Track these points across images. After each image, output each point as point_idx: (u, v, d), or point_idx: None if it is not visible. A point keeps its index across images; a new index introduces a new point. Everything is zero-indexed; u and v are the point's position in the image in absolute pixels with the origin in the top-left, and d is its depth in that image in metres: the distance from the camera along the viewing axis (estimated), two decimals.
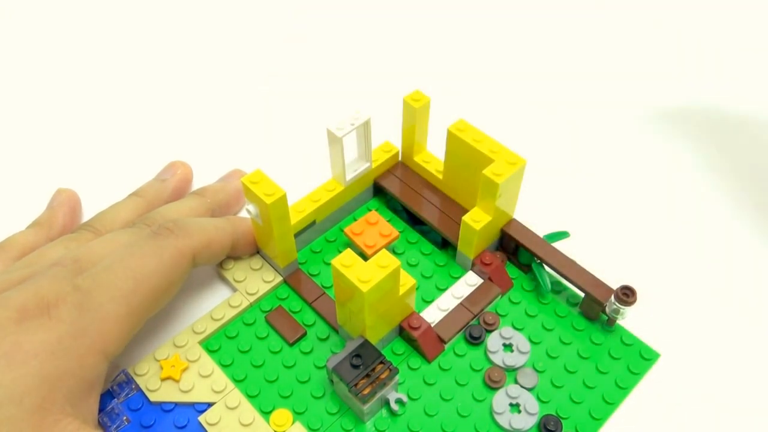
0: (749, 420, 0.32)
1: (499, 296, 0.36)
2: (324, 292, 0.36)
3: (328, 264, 0.38)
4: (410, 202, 0.39)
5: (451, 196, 0.39)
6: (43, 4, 0.56)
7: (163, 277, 0.31)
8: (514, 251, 0.37)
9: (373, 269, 0.29)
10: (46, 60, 0.52)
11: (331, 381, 0.32)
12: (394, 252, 0.38)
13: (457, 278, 0.37)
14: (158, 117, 0.47)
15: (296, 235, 0.36)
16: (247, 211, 0.34)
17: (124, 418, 0.31)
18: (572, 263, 0.35)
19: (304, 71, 0.51)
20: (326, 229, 0.39)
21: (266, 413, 0.32)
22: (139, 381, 0.32)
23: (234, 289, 0.36)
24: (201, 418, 0.31)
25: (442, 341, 0.34)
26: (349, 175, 0.38)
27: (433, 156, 0.40)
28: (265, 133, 0.46)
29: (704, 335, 0.35)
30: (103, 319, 0.29)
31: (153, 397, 0.32)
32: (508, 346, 0.34)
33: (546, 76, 0.51)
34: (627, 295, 0.32)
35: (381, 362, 0.31)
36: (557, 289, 0.36)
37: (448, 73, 0.51)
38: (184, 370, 0.33)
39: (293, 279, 0.37)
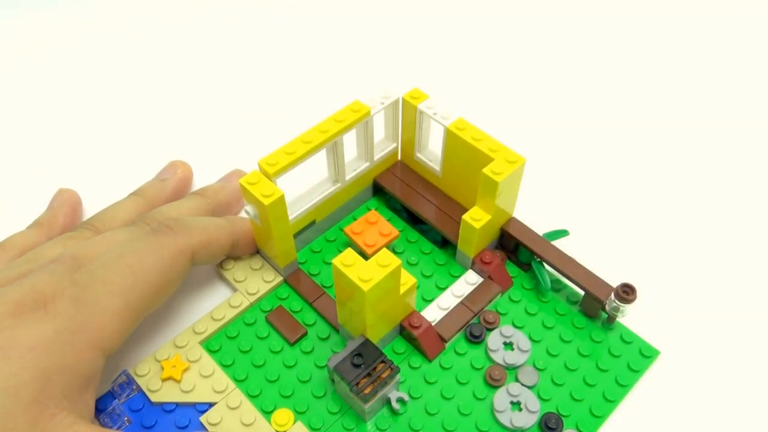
0: (749, 417, 0.32)
1: (499, 295, 0.36)
2: (324, 292, 0.36)
3: (328, 264, 0.38)
4: (410, 201, 0.39)
5: (451, 195, 0.39)
6: (43, 5, 0.56)
7: (162, 274, 0.32)
8: (514, 250, 0.37)
9: (373, 268, 0.29)
10: (46, 61, 0.51)
11: (332, 380, 0.32)
12: (394, 251, 0.38)
13: (457, 277, 0.37)
14: (158, 117, 0.47)
15: (296, 235, 0.36)
16: (245, 212, 0.34)
17: (126, 418, 0.32)
18: (572, 261, 0.35)
19: (304, 71, 0.51)
20: (326, 228, 0.39)
21: (267, 413, 0.32)
22: (140, 382, 0.32)
23: (234, 289, 0.36)
24: (202, 419, 0.31)
25: (443, 340, 0.34)
26: (349, 175, 0.38)
27: (432, 154, 0.40)
28: (265, 133, 0.46)
29: (704, 332, 0.35)
30: (100, 314, 0.29)
31: (154, 398, 0.32)
32: (508, 345, 0.34)
33: (545, 74, 0.51)
34: (627, 292, 0.32)
35: (382, 361, 0.31)
36: (557, 287, 0.36)
37: (447, 71, 0.51)
38: (185, 370, 0.33)
39: (293, 279, 0.37)
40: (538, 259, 0.36)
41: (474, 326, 0.34)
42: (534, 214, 0.38)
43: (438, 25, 0.55)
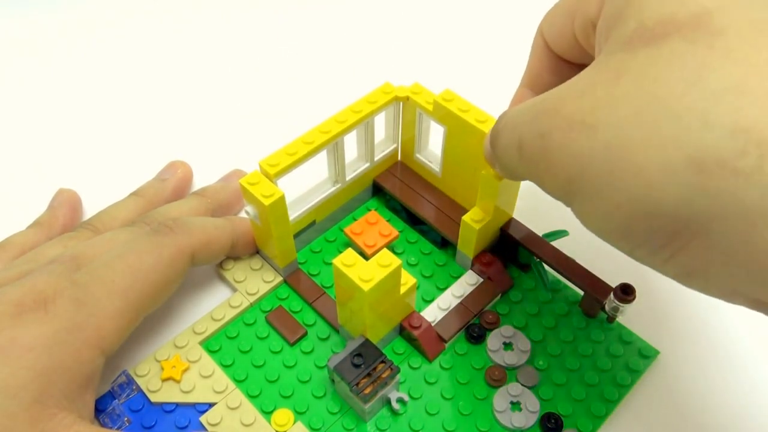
0: (749, 417, 0.33)
1: (499, 295, 0.36)
2: (324, 292, 0.36)
3: (328, 264, 0.38)
4: (410, 201, 0.39)
5: (451, 196, 0.39)
6: (43, 5, 0.56)
7: (162, 274, 0.32)
8: (514, 250, 0.37)
9: (374, 268, 0.29)
10: (46, 60, 0.51)
11: (332, 380, 0.32)
12: (393, 252, 0.38)
13: (457, 277, 0.37)
14: (158, 117, 0.47)
15: (296, 235, 0.36)
16: (245, 212, 0.34)
17: (125, 419, 0.32)
18: (571, 262, 0.35)
19: (304, 71, 0.51)
20: (326, 228, 0.39)
21: (267, 413, 0.32)
22: (140, 382, 0.32)
23: (234, 290, 0.36)
24: (202, 419, 0.31)
25: (443, 340, 0.34)
26: (349, 175, 0.38)
27: (432, 155, 0.40)
28: (266, 133, 0.46)
29: (703, 332, 0.35)
30: (99, 314, 0.29)
31: (154, 398, 0.32)
32: (508, 345, 0.34)
33: None
34: (626, 293, 0.32)
35: (382, 361, 0.31)
36: (557, 287, 0.36)
37: (448, 71, 0.51)
38: (185, 370, 0.33)
39: (293, 279, 0.37)
40: (538, 260, 0.36)
41: (474, 327, 0.34)
42: (534, 214, 0.38)
43: (438, 25, 0.55)
